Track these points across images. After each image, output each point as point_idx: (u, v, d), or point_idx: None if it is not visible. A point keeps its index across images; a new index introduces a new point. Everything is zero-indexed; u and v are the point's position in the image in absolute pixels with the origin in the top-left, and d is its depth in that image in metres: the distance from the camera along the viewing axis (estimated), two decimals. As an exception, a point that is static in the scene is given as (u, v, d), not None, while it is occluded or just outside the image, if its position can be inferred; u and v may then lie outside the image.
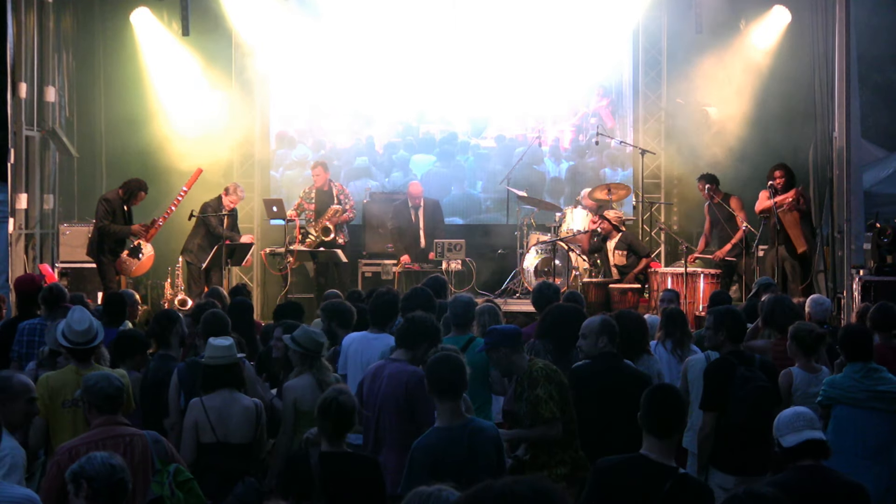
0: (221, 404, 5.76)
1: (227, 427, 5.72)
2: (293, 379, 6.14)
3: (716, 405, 5.88)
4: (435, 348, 5.69)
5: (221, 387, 5.80)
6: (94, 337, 6.07)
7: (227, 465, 5.62)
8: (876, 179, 13.78)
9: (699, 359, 6.59)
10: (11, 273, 12.14)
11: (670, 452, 4.35)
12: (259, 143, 14.65)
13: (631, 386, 5.70)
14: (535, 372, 5.63)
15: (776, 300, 7.37)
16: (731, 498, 3.30)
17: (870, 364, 5.92)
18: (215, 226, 12.21)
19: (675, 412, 4.41)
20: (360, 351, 6.60)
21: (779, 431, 4.64)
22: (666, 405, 4.41)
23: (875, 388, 5.82)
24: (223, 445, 5.70)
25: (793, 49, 13.38)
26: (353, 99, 14.94)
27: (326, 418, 4.83)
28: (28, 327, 7.66)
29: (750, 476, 5.69)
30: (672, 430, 4.38)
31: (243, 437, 5.74)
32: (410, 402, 5.59)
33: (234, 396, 5.81)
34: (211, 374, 5.83)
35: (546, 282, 8.24)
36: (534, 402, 5.52)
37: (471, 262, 12.76)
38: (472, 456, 4.72)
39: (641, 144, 13.89)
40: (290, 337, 6.21)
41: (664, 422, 4.36)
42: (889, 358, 6.87)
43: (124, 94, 14.11)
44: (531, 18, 14.29)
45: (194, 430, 5.71)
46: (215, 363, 5.82)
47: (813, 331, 6.40)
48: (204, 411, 5.73)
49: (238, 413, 5.76)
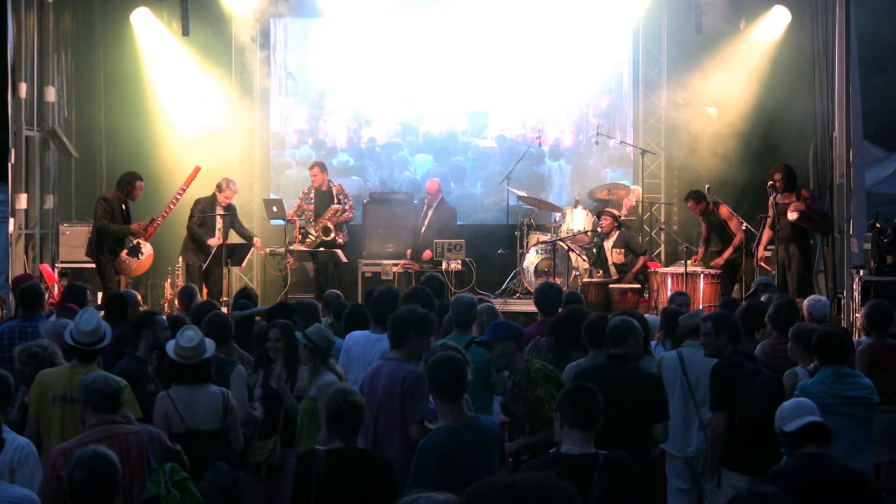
0: (188, 394, 5.88)
1: (195, 415, 5.82)
2: (322, 377, 6.17)
3: (725, 404, 5.87)
4: (431, 343, 5.72)
5: (189, 383, 5.91)
6: (102, 338, 6.08)
7: (199, 452, 5.69)
8: (876, 179, 13.79)
9: (672, 356, 6.63)
10: (11, 273, 12.15)
11: (590, 441, 4.43)
12: (259, 143, 14.65)
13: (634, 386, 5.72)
14: (534, 373, 5.64)
15: (783, 301, 7.36)
16: (733, 498, 3.30)
17: (842, 368, 5.86)
18: (196, 229, 12.16)
19: (596, 405, 4.49)
20: (363, 351, 6.63)
21: (781, 420, 4.66)
22: (585, 399, 4.49)
23: (844, 393, 5.75)
24: (193, 433, 5.79)
25: (793, 49, 13.37)
26: (353, 99, 14.95)
27: (343, 417, 4.83)
28: (7, 330, 7.64)
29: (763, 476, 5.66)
30: (593, 422, 4.45)
31: (212, 424, 5.85)
32: (402, 400, 5.61)
33: (200, 386, 5.92)
34: (177, 370, 5.93)
35: (548, 282, 8.23)
36: (535, 404, 5.54)
37: (471, 262, 12.75)
38: (477, 454, 4.75)
39: (641, 144, 13.89)
40: (302, 333, 6.30)
41: (585, 414, 4.44)
42: (883, 358, 6.87)
43: (124, 94, 14.11)
44: (531, 18, 14.29)
45: (165, 423, 5.78)
46: (184, 363, 5.90)
47: (814, 331, 6.39)
48: (172, 403, 5.84)
49: (205, 400, 5.88)
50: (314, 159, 14.25)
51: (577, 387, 4.69)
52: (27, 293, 7.83)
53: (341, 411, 4.82)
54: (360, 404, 4.91)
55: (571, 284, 12.11)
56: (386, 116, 15.01)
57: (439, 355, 5.01)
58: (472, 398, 5.74)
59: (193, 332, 5.96)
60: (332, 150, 14.88)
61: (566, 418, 4.45)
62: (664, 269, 12.13)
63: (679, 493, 6.48)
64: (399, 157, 15.02)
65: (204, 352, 5.95)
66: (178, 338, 5.94)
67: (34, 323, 7.62)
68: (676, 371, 6.55)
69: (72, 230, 12.92)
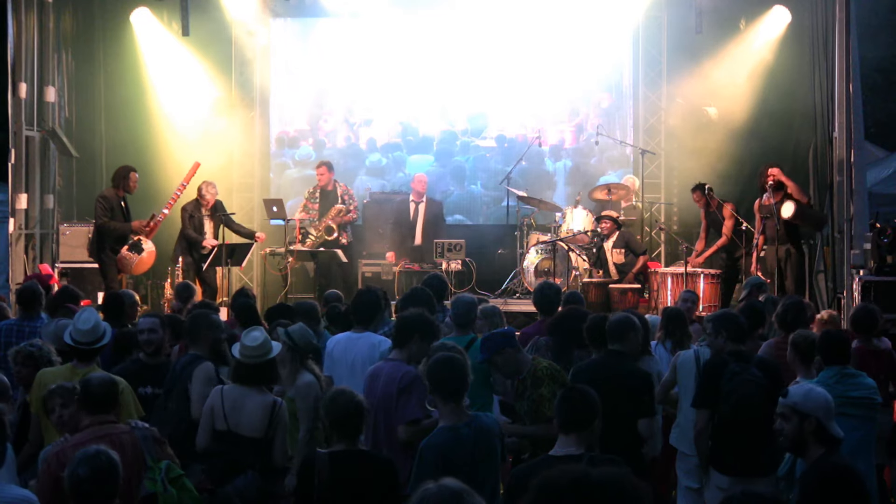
0: (238, 394, 5.73)
1: (239, 417, 5.68)
2: (301, 377, 6.10)
3: (707, 403, 5.90)
4: (432, 345, 5.72)
5: (250, 384, 5.75)
6: (101, 337, 6.07)
7: (234, 454, 5.61)
8: (876, 179, 13.80)
9: (688, 354, 6.63)
10: (11, 273, 12.15)
11: (580, 443, 4.44)
12: (259, 143, 14.65)
13: (626, 382, 5.77)
14: (540, 371, 5.64)
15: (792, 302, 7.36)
16: (727, 499, 3.30)
17: (845, 369, 5.87)
18: (189, 231, 12.15)
19: (586, 408, 4.49)
20: (345, 351, 6.61)
21: None
22: (575, 402, 4.51)
23: (847, 393, 5.74)
24: (233, 435, 5.68)
25: (793, 49, 13.38)
26: (353, 99, 14.95)
27: (349, 419, 4.78)
28: (5, 329, 7.64)
29: (745, 477, 5.68)
30: (583, 425, 4.46)
31: (254, 431, 5.68)
32: (398, 400, 5.62)
33: (253, 389, 5.76)
34: (239, 369, 5.80)
35: (547, 282, 8.23)
36: (537, 401, 5.54)
37: (471, 262, 12.75)
38: (478, 453, 4.76)
39: (641, 144, 13.89)
40: (285, 331, 6.22)
41: (574, 417, 4.46)
42: (869, 361, 6.86)
43: (124, 94, 14.12)
44: (531, 18, 14.29)
45: (210, 416, 5.72)
46: (247, 362, 5.77)
47: (808, 338, 6.38)
48: (220, 398, 5.73)
49: (253, 405, 5.71)
50: (314, 159, 14.26)
51: (570, 389, 4.71)
52: (26, 293, 7.83)
53: (347, 413, 4.77)
54: (364, 406, 4.88)
55: (571, 284, 12.10)
56: (386, 116, 15.01)
57: (439, 356, 5.01)
58: (472, 398, 5.73)
59: (259, 333, 5.84)
60: (331, 150, 14.88)
61: (557, 421, 4.51)
62: (664, 269, 12.14)
63: (689, 492, 6.47)
64: (398, 157, 15.02)
65: (269, 352, 5.83)
66: (244, 338, 5.81)
67: (33, 323, 7.63)
68: (691, 370, 6.56)
69: (72, 230, 12.91)
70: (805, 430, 4.43)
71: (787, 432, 4.47)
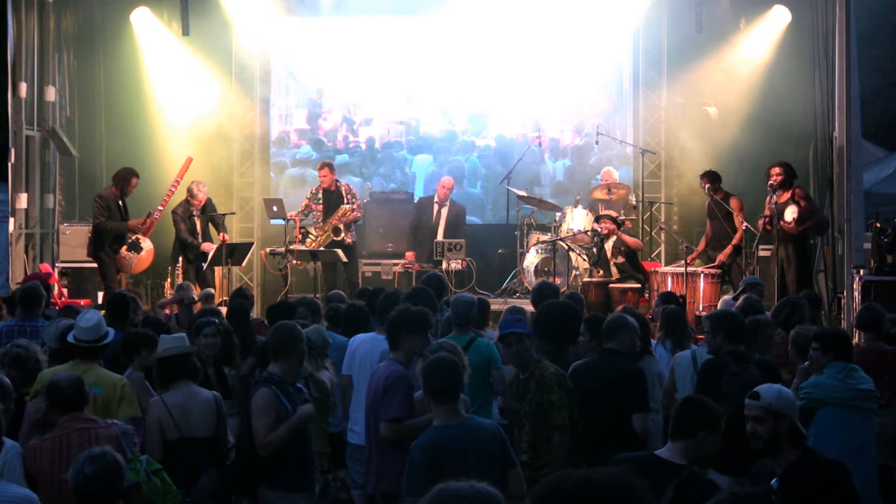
0: (183, 400, 5.76)
1: (189, 422, 5.72)
2: (319, 374, 6.33)
3: None
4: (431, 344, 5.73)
5: (179, 378, 5.80)
6: (103, 336, 6.08)
7: (192, 459, 5.66)
8: (876, 179, 13.79)
9: (685, 355, 6.63)
10: (11, 273, 12.15)
11: (683, 453, 4.30)
12: (259, 143, 14.64)
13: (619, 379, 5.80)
14: (548, 377, 5.61)
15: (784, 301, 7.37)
16: (717, 500, 3.30)
17: (849, 364, 5.93)
18: (184, 235, 12.11)
19: (693, 417, 4.36)
20: (369, 352, 6.66)
21: None
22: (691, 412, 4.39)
23: (857, 387, 5.82)
24: (188, 440, 5.71)
25: (793, 49, 13.38)
26: (353, 99, 14.95)
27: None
28: (5, 329, 7.62)
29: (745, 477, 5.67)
30: (689, 433, 4.32)
31: (206, 430, 5.76)
32: (382, 397, 5.71)
33: (193, 391, 5.82)
34: (166, 366, 5.87)
35: (545, 281, 8.25)
36: (546, 407, 5.53)
37: (471, 262, 12.75)
38: (471, 453, 4.69)
39: (641, 144, 13.89)
40: None
41: (684, 424, 4.34)
42: (871, 359, 6.86)
43: (124, 94, 14.11)
44: (531, 18, 14.29)
45: (159, 428, 5.70)
46: (169, 354, 5.84)
47: (807, 335, 6.39)
48: (166, 409, 5.72)
49: (199, 407, 5.77)
50: (314, 159, 14.25)
51: (688, 398, 4.69)
52: (27, 293, 7.81)
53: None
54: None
55: (571, 284, 12.10)
56: (386, 116, 15.02)
57: (433, 357, 5.03)
58: (472, 397, 5.75)
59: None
60: (331, 150, 14.88)
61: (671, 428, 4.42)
62: (664, 269, 12.11)
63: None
64: (398, 157, 15.02)
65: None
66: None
67: (33, 323, 7.62)
68: (688, 369, 6.56)
69: (72, 230, 12.91)
70: (779, 430, 4.41)
71: (762, 434, 4.42)
